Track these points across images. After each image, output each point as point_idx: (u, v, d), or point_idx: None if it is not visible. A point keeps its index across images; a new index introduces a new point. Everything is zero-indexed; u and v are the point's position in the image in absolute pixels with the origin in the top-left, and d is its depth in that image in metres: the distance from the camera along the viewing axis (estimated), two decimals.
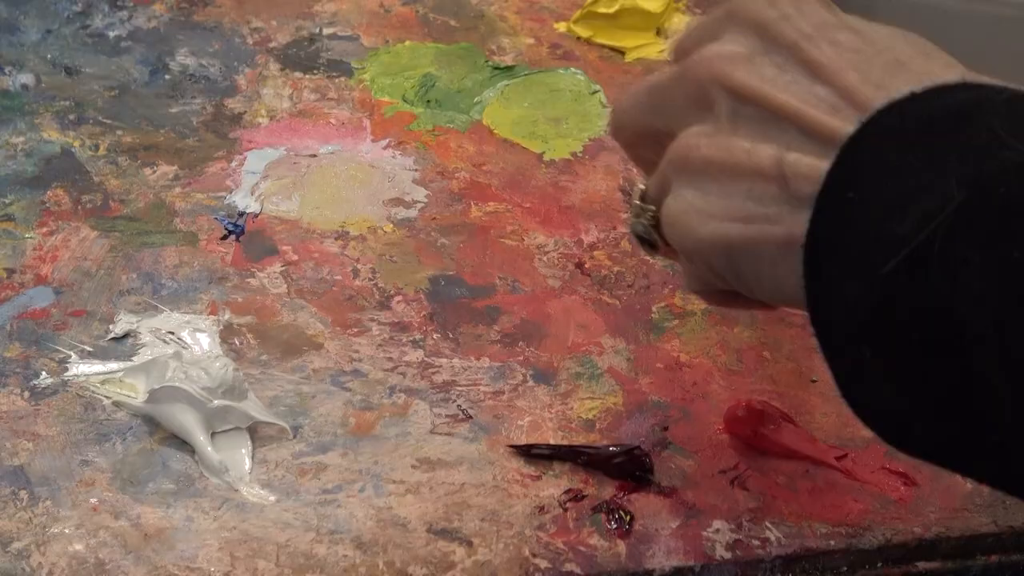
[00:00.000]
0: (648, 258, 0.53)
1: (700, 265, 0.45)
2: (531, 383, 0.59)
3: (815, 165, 0.40)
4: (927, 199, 0.37)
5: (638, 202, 0.49)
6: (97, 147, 0.70)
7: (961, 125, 0.38)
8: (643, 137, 0.49)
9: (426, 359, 0.59)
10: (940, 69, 0.41)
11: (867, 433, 0.58)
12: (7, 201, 0.65)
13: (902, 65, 0.41)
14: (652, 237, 0.49)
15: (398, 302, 0.62)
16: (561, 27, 0.85)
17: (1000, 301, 0.35)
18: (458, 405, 0.57)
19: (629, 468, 0.55)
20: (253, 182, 0.68)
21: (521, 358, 0.60)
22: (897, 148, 0.38)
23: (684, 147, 0.44)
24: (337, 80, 0.77)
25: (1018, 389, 0.35)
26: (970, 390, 0.36)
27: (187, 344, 0.58)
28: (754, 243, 0.42)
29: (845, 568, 0.53)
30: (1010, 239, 0.35)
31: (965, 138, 0.37)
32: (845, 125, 0.40)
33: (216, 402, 0.54)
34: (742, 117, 0.43)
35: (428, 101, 0.76)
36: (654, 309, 0.63)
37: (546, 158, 0.73)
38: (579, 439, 0.56)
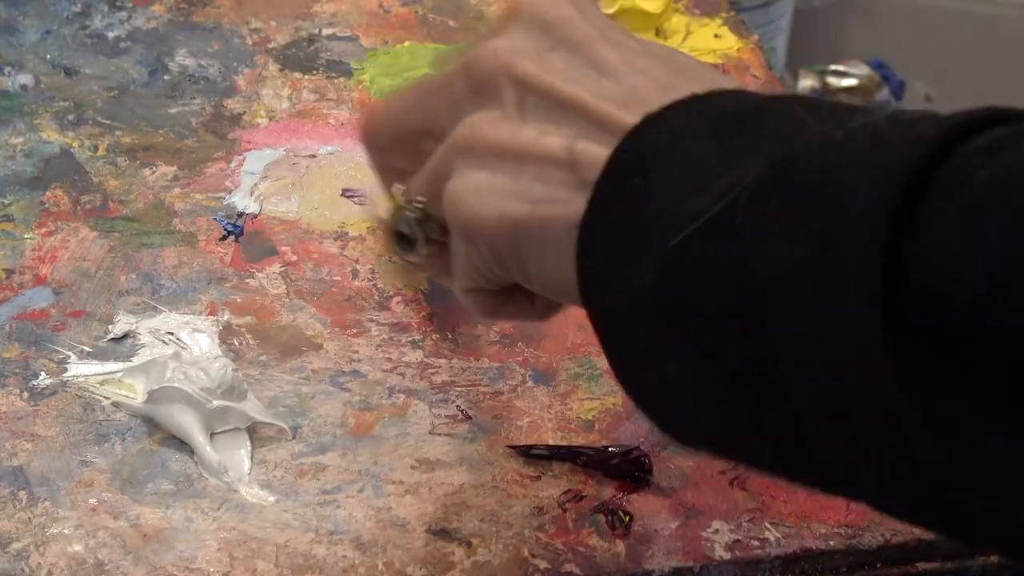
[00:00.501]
0: (397, 261, 0.52)
1: (482, 249, 0.44)
2: (530, 384, 0.59)
3: (605, 153, 0.40)
4: (725, 178, 0.37)
5: (401, 197, 0.48)
6: (96, 148, 0.70)
7: (760, 116, 0.38)
8: (401, 141, 0.48)
9: (425, 360, 0.59)
10: (719, 79, 0.42)
11: None
12: (6, 202, 0.65)
13: (685, 71, 0.42)
14: (416, 232, 0.47)
15: (397, 303, 0.62)
16: None
17: (797, 272, 0.34)
18: (457, 406, 0.57)
19: (628, 469, 0.55)
20: (252, 183, 0.68)
21: (520, 359, 0.60)
22: (691, 136, 0.39)
23: (470, 132, 0.44)
24: (336, 81, 0.77)
25: (807, 357, 0.35)
26: (763, 362, 0.36)
27: (186, 345, 0.58)
28: (541, 224, 0.42)
29: (844, 569, 0.53)
30: (812, 210, 0.34)
31: (765, 125, 0.38)
32: (635, 119, 0.40)
33: (215, 403, 0.54)
34: (529, 107, 0.42)
35: None
36: None
37: None
38: (578, 440, 0.56)
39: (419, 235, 0.47)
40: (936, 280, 0.32)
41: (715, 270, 0.36)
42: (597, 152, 0.40)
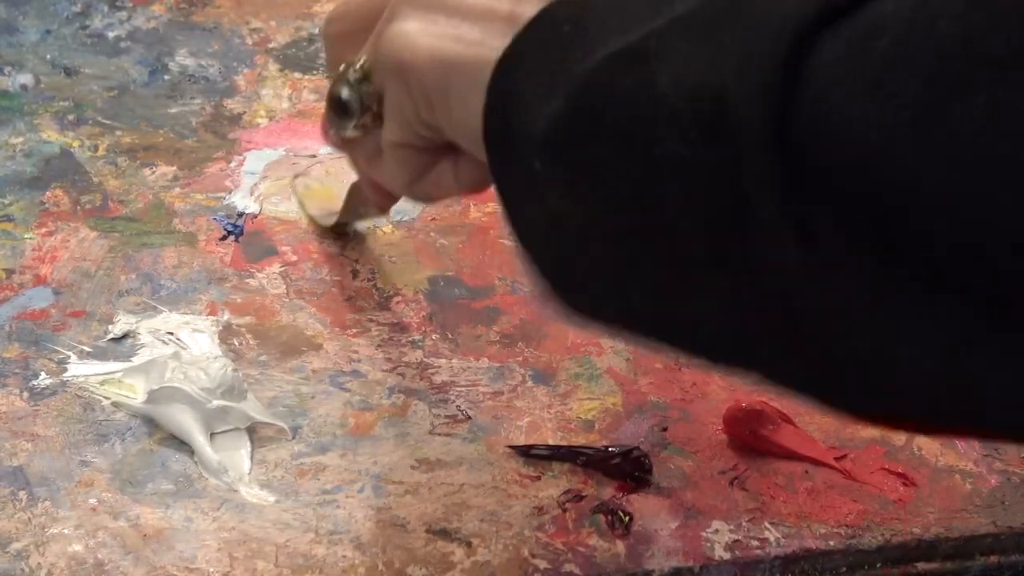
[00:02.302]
0: (331, 136, 0.52)
1: (412, 88, 0.45)
2: (530, 384, 0.59)
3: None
4: (652, 21, 0.37)
5: (345, 65, 0.49)
6: (96, 148, 0.70)
7: None
8: (359, 28, 0.49)
9: (425, 360, 0.59)
10: None
11: (867, 434, 0.58)
12: (6, 202, 0.65)
13: None
14: (352, 96, 0.49)
15: (397, 303, 0.62)
16: None
17: (696, 89, 0.35)
18: (457, 406, 0.57)
19: (628, 469, 0.55)
20: (252, 183, 0.68)
21: (520, 359, 0.60)
22: None
23: None
24: None
25: (690, 177, 0.35)
26: (647, 190, 0.36)
27: (186, 345, 0.58)
28: (471, 63, 0.43)
29: (844, 569, 0.53)
30: (722, 34, 0.35)
31: None
32: None
33: (215, 403, 0.54)
34: None
35: None
36: None
37: None
38: (578, 440, 0.56)
39: (355, 100, 0.49)
40: (819, 100, 0.32)
41: (620, 92, 0.37)
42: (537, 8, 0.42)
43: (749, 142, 0.33)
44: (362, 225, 0.66)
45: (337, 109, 0.50)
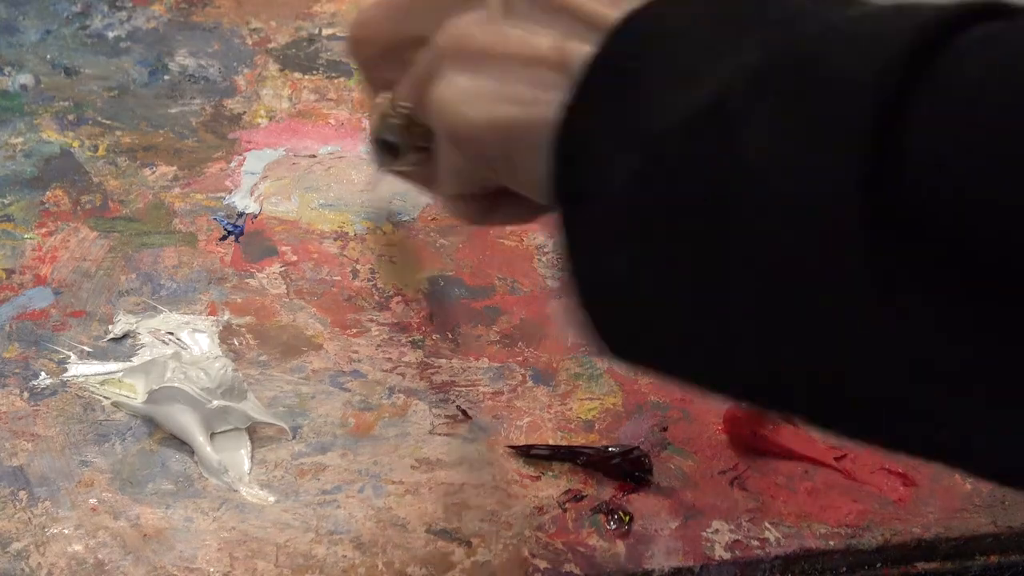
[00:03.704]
0: (380, 171, 0.51)
1: (470, 155, 0.43)
2: (530, 383, 0.59)
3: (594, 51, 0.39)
4: (719, 68, 0.36)
5: (386, 105, 0.47)
6: (96, 148, 0.70)
7: (755, 1, 0.37)
8: (388, 51, 0.47)
9: (425, 360, 0.59)
10: None
11: None
12: (6, 202, 0.65)
13: None
14: (400, 139, 0.47)
15: (397, 303, 0.62)
16: None
17: (782, 157, 0.33)
18: (457, 406, 0.57)
19: (628, 469, 0.55)
20: (252, 183, 0.68)
21: (520, 358, 0.60)
22: (681, 27, 0.37)
23: (457, 34, 0.43)
24: (336, 81, 0.77)
25: (773, 250, 0.34)
26: (719, 257, 0.35)
27: (186, 345, 0.58)
28: (530, 126, 0.40)
29: (844, 569, 0.53)
30: (805, 96, 0.33)
31: (762, 11, 0.36)
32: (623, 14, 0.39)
33: (215, 403, 0.54)
34: (516, 8, 0.42)
35: None
36: None
37: None
38: (578, 440, 0.56)
39: (404, 142, 0.47)
40: (921, 168, 0.31)
41: (699, 157, 0.35)
42: (586, 50, 0.39)
43: (848, 232, 0.32)
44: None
45: (383, 150, 0.48)
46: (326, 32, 0.80)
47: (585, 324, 0.41)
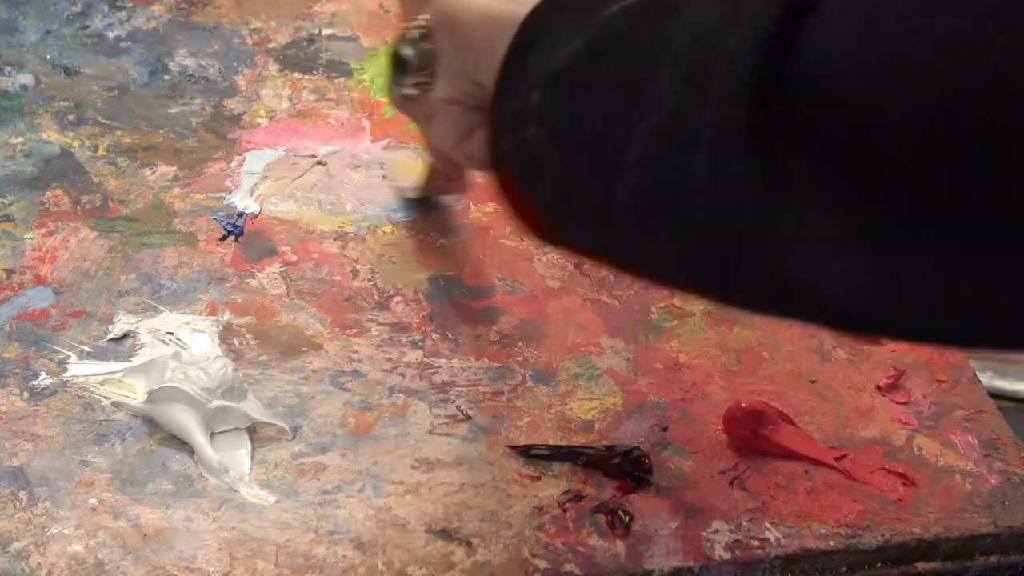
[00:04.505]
0: (391, 95, 0.56)
1: (461, 41, 0.48)
2: (530, 384, 0.59)
3: None
4: None
5: (408, 24, 0.52)
6: (96, 148, 0.70)
7: None
8: None
9: (425, 360, 0.59)
10: None
11: (867, 433, 0.58)
12: (6, 202, 0.65)
13: None
14: (413, 52, 0.52)
15: (397, 303, 0.62)
16: None
17: (696, 38, 0.37)
18: (457, 406, 0.57)
19: (628, 468, 0.55)
20: (252, 183, 0.68)
21: (520, 359, 0.60)
22: None
23: None
24: (336, 81, 0.77)
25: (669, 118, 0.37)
26: (634, 114, 0.38)
27: (186, 345, 0.58)
28: (517, 18, 0.45)
29: (844, 568, 0.53)
30: None
31: None
32: None
33: (215, 403, 0.54)
34: None
35: None
36: (653, 309, 0.63)
37: None
38: (578, 440, 0.56)
39: (415, 56, 0.52)
40: (812, 62, 0.34)
41: (635, 39, 0.39)
42: None
43: (732, 76, 0.35)
44: (446, 199, 0.68)
45: (397, 65, 0.53)
46: (326, 32, 0.80)
47: (500, 197, 0.45)
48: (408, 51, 0.52)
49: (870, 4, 0.33)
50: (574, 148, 0.41)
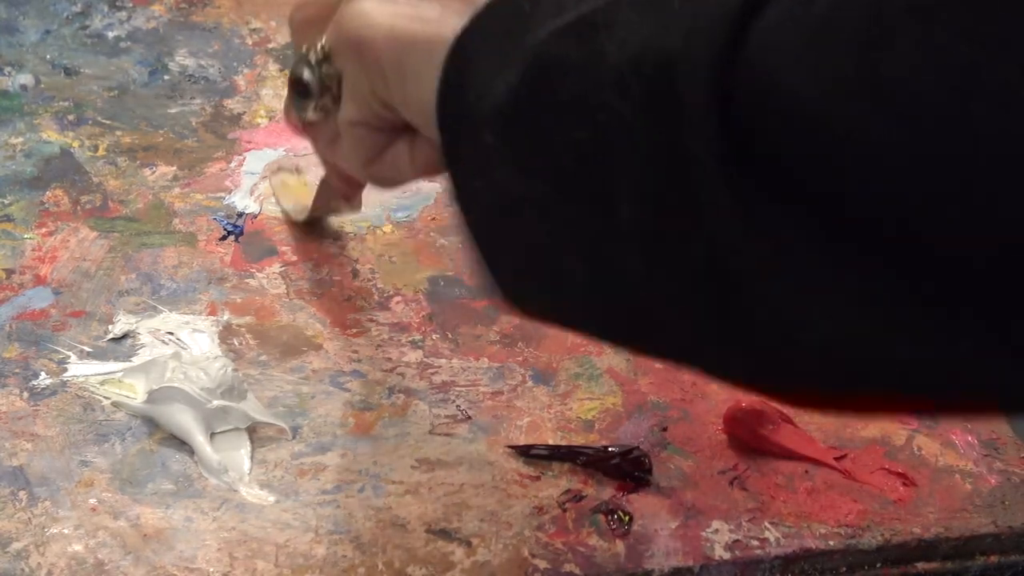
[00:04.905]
0: (291, 119, 0.54)
1: (368, 64, 0.46)
2: (530, 383, 0.59)
3: None
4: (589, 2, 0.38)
5: (307, 47, 0.50)
6: (96, 148, 0.70)
7: None
8: (322, 16, 0.50)
9: (425, 359, 0.59)
10: None
11: (867, 433, 0.58)
12: (6, 202, 0.65)
13: None
14: (313, 76, 0.49)
15: (397, 302, 0.62)
16: None
17: (639, 61, 0.35)
18: (457, 406, 0.57)
19: (628, 468, 0.55)
20: (252, 183, 0.68)
21: (520, 358, 0.60)
22: None
23: None
24: None
25: (635, 141, 0.35)
26: (600, 148, 0.36)
27: (186, 345, 0.58)
28: (427, 40, 0.44)
29: (844, 569, 0.53)
30: (667, 5, 0.35)
31: None
32: None
33: (215, 403, 0.54)
34: None
35: None
36: None
37: None
38: (578, 440, 0.56)
39: (316, 81, 0.49)
40: (761, 76, 0.32)
41: (570, 63, 0.37)
42: None
43: (691, 104, 0.33)
44: (334, 221, 0.66)
45: (298, 90, 0.50)
46: None
47: (474, 260, 0.43)
48: (307, 75, 0.50)
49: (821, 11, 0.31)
50: (553, 186, 0.39)
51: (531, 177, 0.39)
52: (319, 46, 0.49)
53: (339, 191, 0.59)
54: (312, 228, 0.66)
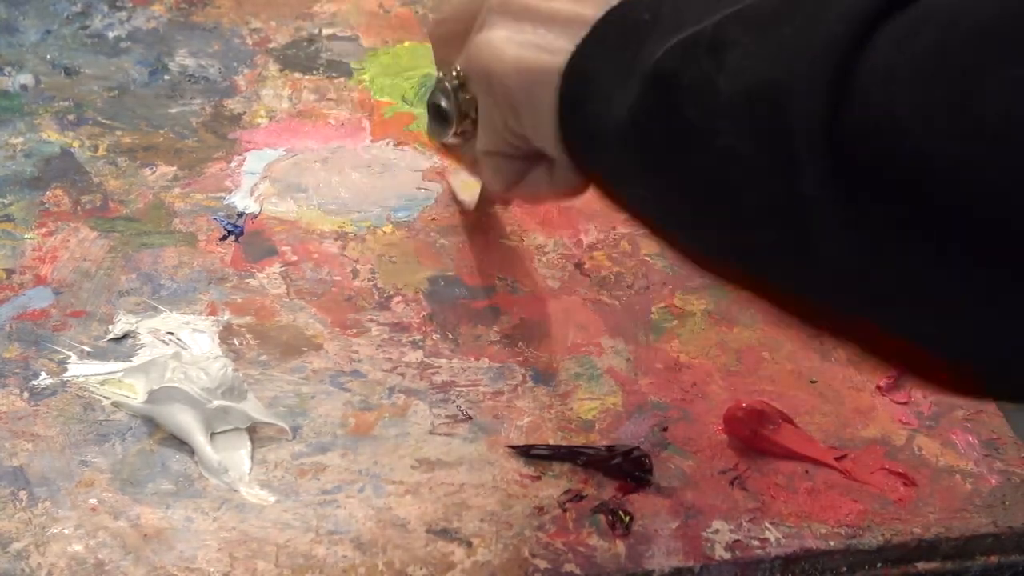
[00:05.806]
0: (434, 142, 0.56)
1: (499, 97, 0.47)
2: (530, 383, 0.59)
3: None
4: (708, 18, 0.39)
5: (444, 73, 0.51)
6: (96, 148, 0.70)
7: None
8: (460, 32, 0.51)
9: (425, 360, 0.59)
10: None
11: (867, 433, 0.58)
12: (6, 202, 0.65)
13: None
14: (451, 103, 0.51)
15: (397, 303, 0.62)
16: None
17: (752, 88, 0.36)
18: (457, 406, 0.57)
19: (628, 469, 0.55)
20: (252, 183, 0.68)
21: (520, 358, 0.60)
22: None
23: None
24: (336, 81, 0.77)
25: (748, 167, 0.37)
26: (719, 172, 0.38)
27: (186, 345, 0.58)
28: (552, 69, 0.44)
29: (844, 569, 0.53)
30: (781, 28, 0.36)
31: None
32: None
33: (215, 403, 0.54)
34: None
35: None
36: (653, 310, 0.63)
37: None
38: (578, 440, 0.56)
39: (453, 106, 0.51)
40: (871, 108, 0.33)
41: (685, 84, 0.38)
42: (598, 12, 0.43)
43: (802, 143, 0.34)
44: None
45: (436, 117, 0.51)
46: (326, 32, 0.80)
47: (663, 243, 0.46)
48: (445, 102, 0.51)
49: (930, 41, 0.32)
50: (682, 200, 0.41)
51: (656, 192, 0.41)
52: (454, 72, 0.50)
53: (496, 200, 0.62)
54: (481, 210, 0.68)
